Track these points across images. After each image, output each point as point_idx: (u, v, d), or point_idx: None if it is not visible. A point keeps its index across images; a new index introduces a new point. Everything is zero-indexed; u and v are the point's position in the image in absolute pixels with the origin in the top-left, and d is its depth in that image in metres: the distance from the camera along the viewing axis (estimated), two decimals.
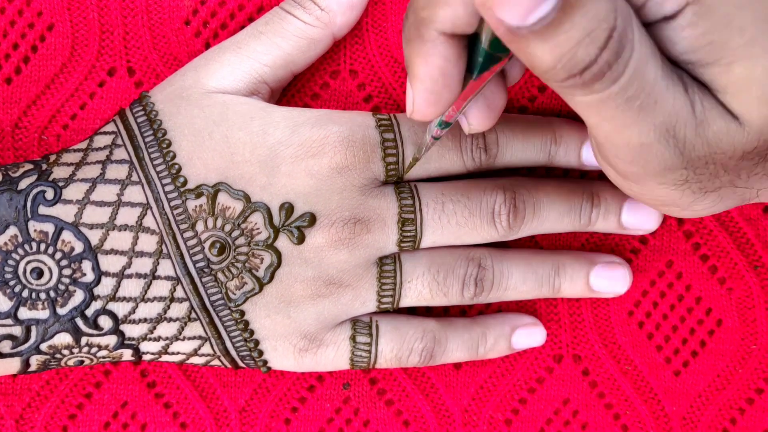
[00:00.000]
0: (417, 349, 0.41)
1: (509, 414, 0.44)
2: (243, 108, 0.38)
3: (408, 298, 0.40)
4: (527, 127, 0.40)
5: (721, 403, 0.44)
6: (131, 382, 0.43)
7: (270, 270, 0.38)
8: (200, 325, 0.38)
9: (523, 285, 0.41)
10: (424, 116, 0.31)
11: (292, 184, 0.37)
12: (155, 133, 0.38)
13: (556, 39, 0.25)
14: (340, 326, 0.40)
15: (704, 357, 0.44)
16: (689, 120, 0.28)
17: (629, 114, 0.27)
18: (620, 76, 0.26)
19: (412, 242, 0.39)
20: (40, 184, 0.37)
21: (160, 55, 0.42)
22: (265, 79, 0.39)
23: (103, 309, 0.37)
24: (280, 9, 0.40)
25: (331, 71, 0.42)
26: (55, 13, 0.41)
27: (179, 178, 0.37)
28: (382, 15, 0.42)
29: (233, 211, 0.37)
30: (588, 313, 0.44)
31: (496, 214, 0.39)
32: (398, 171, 0.39)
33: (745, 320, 0.43)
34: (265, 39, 0.39)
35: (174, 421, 0.43)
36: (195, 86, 0.39)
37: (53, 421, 0.43)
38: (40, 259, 0.37)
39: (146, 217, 0.37)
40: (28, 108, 0.42)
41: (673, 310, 0.44)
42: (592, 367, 0.44)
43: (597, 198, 0.41)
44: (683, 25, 0.27)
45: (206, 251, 0.37)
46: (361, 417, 0.44)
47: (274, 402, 0.44)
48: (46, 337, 0.37)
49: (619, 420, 0.44)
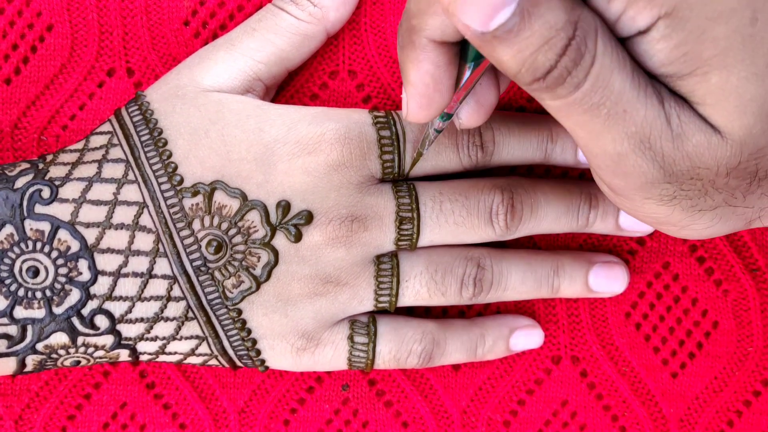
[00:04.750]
0: (416, 350, 0.40)
1: (508, 415, 0.43)
2: (238, 106, 0.38)
3: (406, 297, 0.39)
4: (523, 125, 0.40)
5: (719, 406, 0.43)
6: (130, 383, 0.43)
7: (267, 268, 0.37)
8: (197, 325, 0.38)
9: (522, 285, 0.40)
10: (418, 119, 0.32)
11: (288, 181, 0.37)
12: (151, 132, 0.38)
13: (518, 45, 0.26)
14: (338, 326, 0.39)
15: (701, 359, 0.43)
16: (665, 132, 0.28)
17: (597, 121, 0.28)
18: (582, 82, 0.27)
19: (409, 241, 0.39)
20: (36, 182, 0.37)
21: (159, 55, 0.42)
22: (259, 77, 0.39)
23: (100, 308, 0.37)
24: (272, 6, 0.40)
25: (330, 72, 0.42)
26: (55, 14, 0.41)
27: (175, 176, 0.37)
28: (380, 15, 0.42)
29: (230, 210, 0.37)
30: (586, 315, 0.43)
31: (493, 214, 0.39)
32: (395, 168, 0.38)
33: (741, 322, 0.43)
34: (259, 36, 0.39)
35: (173, 422, 0.43)
36: (190, 85, 0.38)
37: (52, 422, 0.43)
38: (36, 258, 0.36)
39: (143, 215, 0.37)
40: (28, 108, 0.42)
41: (669, 312, 0.43)
42: (590, 369, 0.43)
43: (595, 199, 0.40)
44: (657, 38, 0.27)
45: (203, 250, 0.37)
46: (360, 418, 0.43)
47: (273, 403, 0.43)
48: (42, 336, 0.36)
49: (618, 422, 0.43)
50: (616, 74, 0.27)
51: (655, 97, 0.28)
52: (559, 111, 0.28)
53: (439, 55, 0.30)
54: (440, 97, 0.31)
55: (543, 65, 0.26)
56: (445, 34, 0.29)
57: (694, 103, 0.28)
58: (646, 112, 0.28)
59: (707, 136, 0.28)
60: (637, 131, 0.28)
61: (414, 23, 0.29)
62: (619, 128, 0.28)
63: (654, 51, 0.27)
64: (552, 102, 0.28)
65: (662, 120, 0.28)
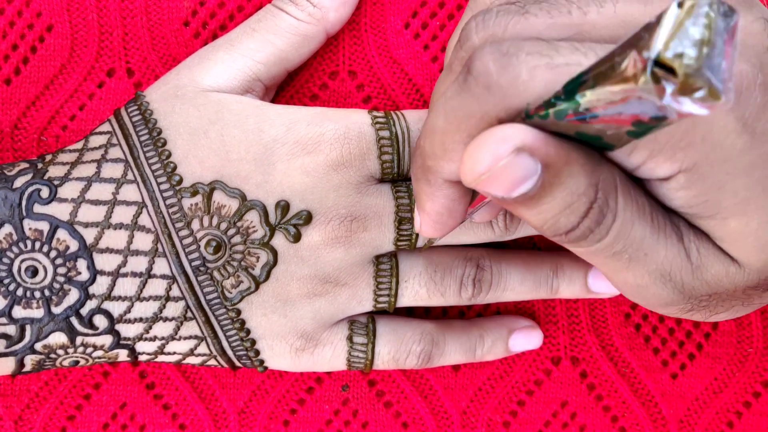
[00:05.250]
0: (415, 351, 0.40)
1: (507, 416, 0.43)
2: (238, 106, 0.38)
3: (405, 297, 0.39)
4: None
5: (719, 407, 0.43)
6: (130, 384, 0.43)
7: (266, 268, 0.37)
8: (196, 325, 0.38)
9: (521, 286, 0.40)
10: (430, 236, 0.33)
11: (287, 181, 0.37)
12: (150, 132, 0.37)
13: (539, 208, 0.26)
14: (337, 326, 0.39)
15: (701, 360, 0.43)
16: (685, 266, 0.29)
17: (620, 264, 0.29)
18: (603, 237, 0.27)
19: (408, 241, 0.38)
20: (35, 182, 0.36)
21: (159, 56, 0.42)
22: (259, 77, 0.39)
23: (98, 308, 0.36)
24: (272, 6, 0.39)
25: (330, 72, 0.42)
26: (55, 14, 0.41)
27: (174, 176, 0.37)
28: (380, 15, 0.42)
29: (229, 210, 0.37)
30: (585, 316, 0.43)
31: None
32: (394, 169, 0.38)
33: (741, 324, 0.43)
34: (259, 36, 0.39)
35: (173, 423, 0.43)
36: (190, 85, 0.38)
37: (52, 422, 0.42)
38: (34, 258, 0.36)
39: (141, 215, 0.37)
40: (27, 109, 0.42)
41: None
42: (590, 370, 0.43)
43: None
44: (676, 187, 0.27)
45: (202, 250, 0.37)
46: (359, 419, 0.43)
47: (273, 403, 0.43)
48: (40, 336, 0.36)
49: (617, 422, 0.43)
50: (636, 225, 0.28)
51: (675, 235, 0.29)
52: (582, 255, 0.29)
53: (454, 190, 0.30)
54: (454, 222, 0.32)
55: (564, 226, 0.27)
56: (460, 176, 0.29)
57: (712, 238, 0.29)
58: (666, 252, 0.28)
59: (725, 266, 0.29)
60: (657, 268, 0.29)
61: (429, 164, 0.29)
62: (641, 268, 0.29)
63: (674, 197, 0.28)
64: (574, 249, 0.29)
65: (682, 256, 0.29)
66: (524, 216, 0.27)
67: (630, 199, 0.27)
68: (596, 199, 0.26)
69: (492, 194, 0.26)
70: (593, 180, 0.26)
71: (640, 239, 0.28)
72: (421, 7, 0.41)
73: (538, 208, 0.26)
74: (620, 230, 0.27)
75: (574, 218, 0.27)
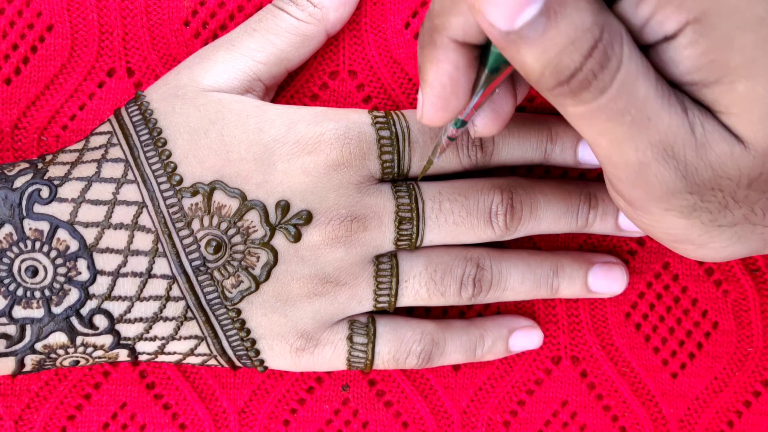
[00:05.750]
0: (415, 350, 0.40)
1: (507, 416, 0.43)
2: (238, 106, 0.37)
3: (405, 297, 0.39)
4: (523, 125, 0.39)
5: (719, 406, 0.43)
6: (130, 383, 0.43)
7: (266, 268, 0.37)
8: (196, 325, 0.38)
9: (522, 285, 0.40)
10: (432, 121, 0.32)
11: (288, 181, 0.37)
12: (150, 132, 0.37)
13: (543, 44, 0.26)
14: (338, 326, 0.39)
15: (701, 359, 0.43)
16: (688, 141, 0.28)
17: (622, 129, 0.28)
18: (607, 87, 0.27)
19: (408, 241, 0.38)
20: (35, 182, 0.36)
21: (160, 56, 0.41)
22: (259, 77, 0.39)
23: (99, 308, 0.36)
24: (272, 6, 0.39)
25: (330, 72, 0.42)
26: (55, 14, 0.41)
27: (175, 176, 0.37)
28: (380, 15, 0.41)
29: (229, 209, 0.37)
30: (585, 315, 0.43)
31: (493, 214, 0.38)
32: (394, 169, 0.38)
33: (741, 323, 0.43)
34: (259, 36, 0.39)
35: (173, 422, 0.43)
36: (190, 85, 0.38)
37: (52, 422, 0.42)
38: (35, 258, 0.36)
39: (142, 215, 0.37)
40: (28, 109, 0.42)
41: (669, 312, 0.43)
42: (590, 369, 0.43)
43: (594, 199, 0.40)
44: (684, 44, 0.27)
45: (202, 250, 0.37)
46: (359, 418, 0.43)
47: (273, 403, 0.43)
48: (41, 336, 0.36)
49: (618, 422, 0.43)
50: (641, 81, 0.27)
51: (679, 105, 0.28)
52: (582, 119, 0.28)
53: (460, 56, 0.30)
54: (456, 100, 0.31)
55: (568, 67, 0.26)
56: (467, 35, 0.29)
57: (717, 112, 0.28)
58: (670, 120, 0.28)
59: (730, 145, 0.28)
60: (660, 140, 0.28)
61: (437, 22, 0.29)
62: (643, 136, 0.28)
63: (680, 57, 0.27)
64: (575, 108, 0.27)
65: (686, 129, 0.28)
66: (526, 63, 0.26)
67: (635, 53, 0.27)
68: (601, 38, 0.26)
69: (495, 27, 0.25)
70: (599, 19, 0.26)
71: (643, 98, 0.27)
72: (421, 7, 0.41)
73: (541, 45, 0.26)
74: (624, 81, 0.27)
75: (578, 56, 0.26)
